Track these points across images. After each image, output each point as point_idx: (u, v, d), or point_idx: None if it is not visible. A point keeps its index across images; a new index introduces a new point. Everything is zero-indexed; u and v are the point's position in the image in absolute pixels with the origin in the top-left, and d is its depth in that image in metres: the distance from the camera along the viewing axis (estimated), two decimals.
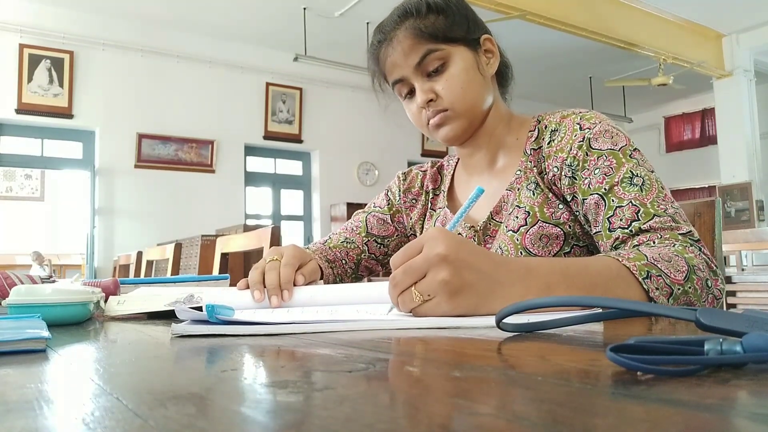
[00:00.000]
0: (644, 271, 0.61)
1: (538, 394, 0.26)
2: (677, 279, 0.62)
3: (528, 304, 0.44)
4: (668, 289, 0.61)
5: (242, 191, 6.51)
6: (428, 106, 0.86)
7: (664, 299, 0.61)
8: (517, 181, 0.88)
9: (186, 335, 0.51)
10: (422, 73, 0.86)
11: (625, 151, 0.78)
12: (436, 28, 0.85)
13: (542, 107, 7.68)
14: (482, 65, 0.89)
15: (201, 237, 3.67)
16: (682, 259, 0.64)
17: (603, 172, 0.77)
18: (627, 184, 0.75)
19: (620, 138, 0.80)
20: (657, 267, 0.62)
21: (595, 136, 0.80)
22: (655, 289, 0.61)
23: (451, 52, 0.85)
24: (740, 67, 6.86)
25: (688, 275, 0.63)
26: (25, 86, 5.35)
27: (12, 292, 0.66)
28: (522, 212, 0.85)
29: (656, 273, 0.62)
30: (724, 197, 6.88)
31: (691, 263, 0.64)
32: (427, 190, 1.04)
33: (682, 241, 0.69)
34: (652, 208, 0.72)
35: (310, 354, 0.41)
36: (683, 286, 0.62)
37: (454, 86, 0.85)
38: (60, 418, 0.25)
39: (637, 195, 0.74)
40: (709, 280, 0.65)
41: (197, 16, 5.79)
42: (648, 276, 0.61)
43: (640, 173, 0.76)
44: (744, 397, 0.25)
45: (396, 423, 0.22)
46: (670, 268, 0.62)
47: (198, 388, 0.30)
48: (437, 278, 0.52)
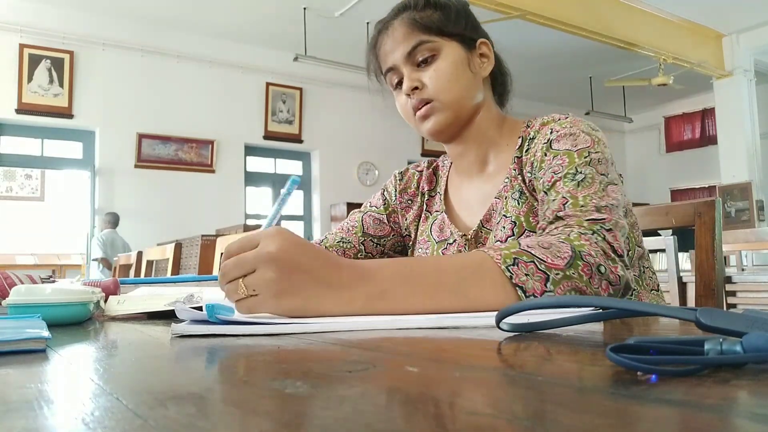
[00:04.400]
0: (510, 258, 0.60)
1: (538, 394, 0.26)
2: (555, 264, 0.61)
3: (528, 304, 0.44)
4: (542, 274, 0.60)
5: (242, 191, 6.52)
6: (413, 94, 0.88)
7: (538, 284, 0.59)
8: (505, 189, 0.88)
9: (186, 335, 0.51)
10: (412, 63, 0.88)
11: (581, 153, 0.78)
12: (431, 21, 0.87)
13: (542, 107, 7.62)
14: (473, 64, 0.90)
15: (201, 237, 3.67)
16: (568, 246, 0.63)
17: (553, 170, 0.78)
18: (569, 180, 0.75)
19: (584, 140, 0.79)
20: (530, 253, 0.61)
21: (558, 138, 0.81)
22: (523, 274, 0.59)
23: (443, 45, 0.87)
24: (740, 67, 6.86)
25: (572, 261, 0.62)
26: (25, 86, 5.35)
27: (12, 292, 0.66)
28: (509, 222, 0.85)
29: (527, 260, 0.60)
30: (724, 197, 6.89)
31: (579, 250, 0.63)
32: (423, 191, 1.04)
33: (585, 228, 0.68)
34: (582, 200, 0.72)
35: (310, 354, 0.41)
36: (563, 271, 0.61)
37: (440, 77, 0.86)
38: (60, 418, 0.25)
39: (572, 189, 0.74)
40: (602, 266, 0.64)
41: (197, 16, 5.79)
42: (514, 263, 0.60)
43: (585, 171, 0.75)
44: (744, 397, 0.25)
45: (396, 423, 0.22)
46: (546, 254, 0.61)
47: (198, 388, 0.30)
48: (264, 276, 0.53)
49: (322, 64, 6.01)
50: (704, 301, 1.03)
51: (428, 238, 0.98)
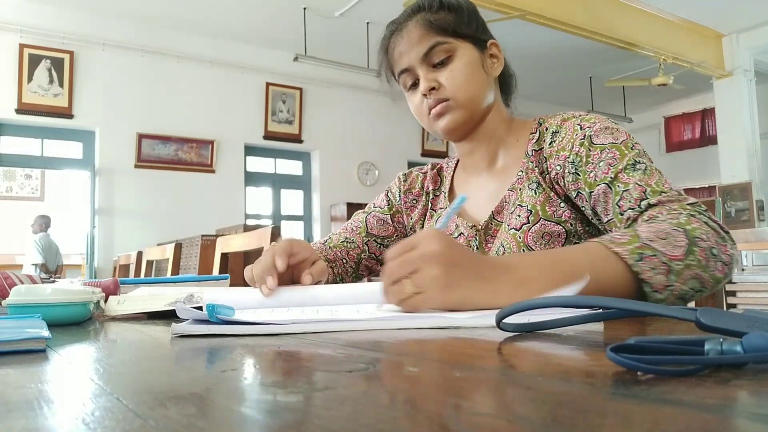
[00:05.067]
0: (636, 254, 0.62)
1: (538, 394, 0.26)
2: (675, 255, 0.62)
3: (528, 304, 0.44)
4: (665, 266, 0.62)
5: (242, 191, 6.51)
6: (430, 95, 0.89)
7: (662, 277, 0.62)
8: (519, 182, 0.90)
9: (186, 335, 0.51)
10: (428, 64, 0.89)
11: (627, 144, 0.81)
12: (445, 22, 0.89)
13: (542, 107, 7.63)
14: (486, 64, 0.92)
15: (201, 237, 3.67)
16: (683, 233, 0.65)
17: (608, 163, 0.79)
18: (631, 170, 0.77)
19: (620, 133, 0.83)
20: (651, 247, 0.62)
21: (596, 133, 0.83)
22: (649, 269, 0.61)
23: (458, 46, 0.89)
24: (740, 67, 6.86)
25: (689, 248, 0.63)
26: (25, 86, 5.34)
27: (12, 292, 0.66)
28: (524, 211, 0.87)
29: (650, 254, 0.62)
30: (724, 197, 6.88)
31: (692, 235, 0.65)
32: (428, 191, 1.06)
33: (690, 210, 0.70)
34: (657, 187, 0.75)
35: (310, 354, 0.41)
36: (683, 260, 0.63)
37: (457, 77, 0.88)
38: (60, 418, 0.25)
39: (642, 177, 0.76)
40: (714, 248, 0.65)
41: (197, 16, 5.79)
42: (641, 258, 0.62)
43: (643, 160, 0.79)
44: (744, 397, 0.25)
45: (396, 423, 0.22)
46: (666, 246, 0.63)
47: (198, 388, 0.30)
48: (431, 273, 0.56)
49: (322, 64, 6.00)
50: (704, 301, 1.03)
51: None
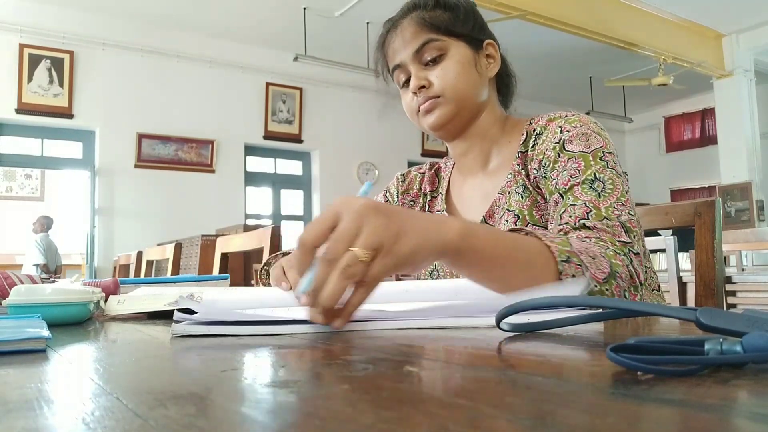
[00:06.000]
0: (564, 255, 0.61)
1: (538, 394, 0.26)
2: (597, 276, 0.62)
3: (528, 304, 0.44)
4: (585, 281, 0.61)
5: (242, 191, 6.51)
6: (420, 92, 0.89)
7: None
8: (508, 185, 0.90)
9: (186, 335, 0.51)
10: (419, 61, 0.89)
11: (596, 154, 0.79)
12: (439, 20, 0.88)
13: (542, 107, 7.65)
14: (480, 64, 0.91)
15: (201, 237, 3.67)
16: (607, 262, 0.64)
17: (569, 174, 0.79)
18: (587, 187, 0.76)
19: (596, 140, 0.81)
20: (579, 258, 0.62)
21: (570, 138, 0.82)
22: (570, 275, 0.60)
23: (451, 45, 0.89)
24: (740, 67, 6.86)
25: (608, 278, 0.63)
26: (25, 86, 5.34)
27: (12, 292, 0.66)
28: (512, 216, 0.86)
29: (577, 262, 0.61)
30: (724, 197, 6.88)
31: (615, 269, 0.64)
32: (425, 192, 1.06)
33: (617, 248, 0.69)
34: (605, 212, 0.73)
35: (311, 354, 0.41)
36: (601, 285, 0.62)
37: (447, 75, 0.88)
38: (60, 418, 0.25)
39: (593, 199, 0.75)
40: (626, 292, 0.65)
41: (197, 16, 5.79)
42: (567, 260, 0.61)
43: (604, 177, 0.77)
44: (744, 397, 0.25)
45: (396, 423, 0.22)
46: (592, 264, 0.62)
47: (198, 388, 0.30)
48: (376, 224, 0.47)
49: (322, 64, 6.00)
50: (704, 301, 1.03)
51: None
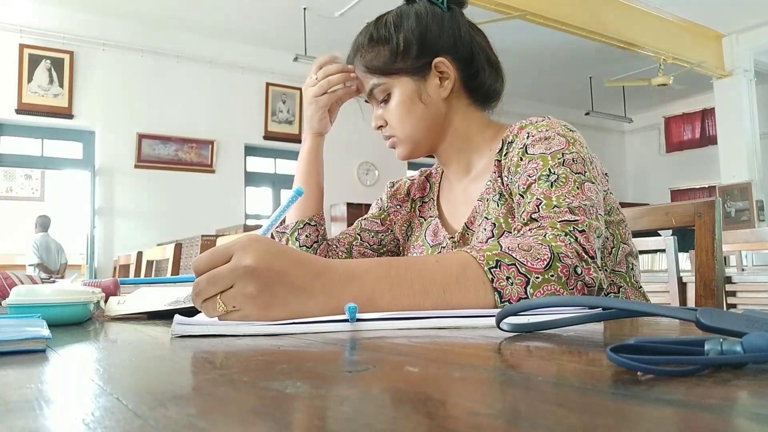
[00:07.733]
0: (493, 260, 0.61)
1: (538, 394, 0.26)
2: (535, 267, 0.61)
3: (528, 304, 0.44)
4: (523, 277, 0.61)
5: (242, 191, 6.51)
6: (380, 130, 0.96)
7: (519, 288, 0.60)
8: (487, 192, 0.89)
9: (186, 335, 0.51)
10: (375, 102, 0.95)
11: (555, 155, 0.78)
12: (379, 61, 0.91)
13: (542, 107, 7.62)
14: (426, 93, 0.90)
15: (201, 237, 3.67)
16: (546, 247, 0.64)
17: (528, 174, 0.78)
18: (543, 182, 0.75)
19: (558, 142, 0.79)
20: (511, 256, 0.61)
21: (533, 142, 0.81)
22: (504, 278, 0.60)
23: (394, 84, 0.91)
24: (740, 67, 6.86)
25: (551, 263, 0.62)
26: (25, 86, 5.35)
27: (12, 292, 0.66)
28: (489, 224, 0.86)
29: (508, 262, 0.61)
30: (724, 197, 6.89)
31: (557, 251, 0.63)
32: (414, 198, 1.08)
33: (558, 230, 0.68)
34: (555, 201, 0.72)
35: (310, 354, 0.41)
36: (543, 274, 0.61)
37: (393, 117, 0.92)
38: (60, 418, 0.25)
39: (546, 190, 0.74)
40: (578, 267, 0.64)
41: (197, 16, 5.79)
42: (497, 265, 0.60)
43: (559, 171, 0.76)
44: (744, 397, 0.25)
45: (396, 423, 0.22)
46: (527, 257, 0.62)
47: (198, 388, 0.30)
48: (244, 291, 0.50)
49: None
50: (704, 301, 1.03)
51: (423, 243, 1.01)
